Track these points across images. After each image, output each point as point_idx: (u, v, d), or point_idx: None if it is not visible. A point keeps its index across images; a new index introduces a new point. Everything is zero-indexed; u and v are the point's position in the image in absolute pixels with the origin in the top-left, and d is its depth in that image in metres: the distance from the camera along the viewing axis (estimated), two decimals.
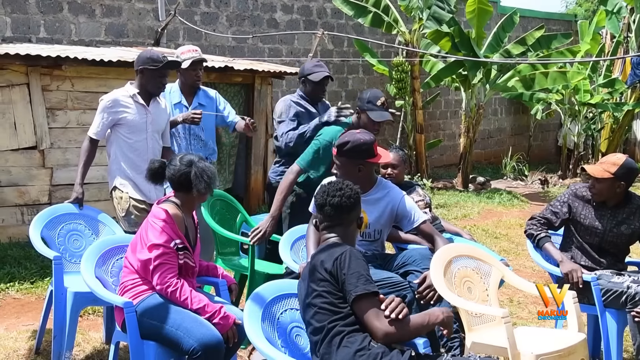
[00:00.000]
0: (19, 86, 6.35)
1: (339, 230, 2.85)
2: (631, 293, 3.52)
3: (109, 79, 6.80)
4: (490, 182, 12.30)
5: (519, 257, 6.63)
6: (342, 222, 2.85)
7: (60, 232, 4.10)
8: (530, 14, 15.84)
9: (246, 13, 11.14)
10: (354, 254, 2.68)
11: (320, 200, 2.88)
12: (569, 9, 23.29)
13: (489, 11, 11.44)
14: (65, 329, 3.65)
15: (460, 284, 3.39)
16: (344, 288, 2.59)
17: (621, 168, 3.70)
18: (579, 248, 3.88)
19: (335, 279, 2.62)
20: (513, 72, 11.79)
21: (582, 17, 18.09)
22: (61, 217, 4.15)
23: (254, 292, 2.85)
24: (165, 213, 3.12)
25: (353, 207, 2.87)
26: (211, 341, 2.90)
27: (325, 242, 2.85)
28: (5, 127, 6.28)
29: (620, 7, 13.65)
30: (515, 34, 13.29)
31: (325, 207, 2.85)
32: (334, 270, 2.62)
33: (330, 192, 2.85)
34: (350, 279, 2.58)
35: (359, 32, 12.51)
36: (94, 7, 9.32)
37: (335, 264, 2.63)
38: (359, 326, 2.60)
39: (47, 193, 6.52)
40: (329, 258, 2.67)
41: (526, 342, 3.06)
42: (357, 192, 2.89)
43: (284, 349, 2.75)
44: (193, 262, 3.23)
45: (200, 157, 3.30)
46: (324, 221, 2.88)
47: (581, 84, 12.72)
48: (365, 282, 2.58)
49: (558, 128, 15.90)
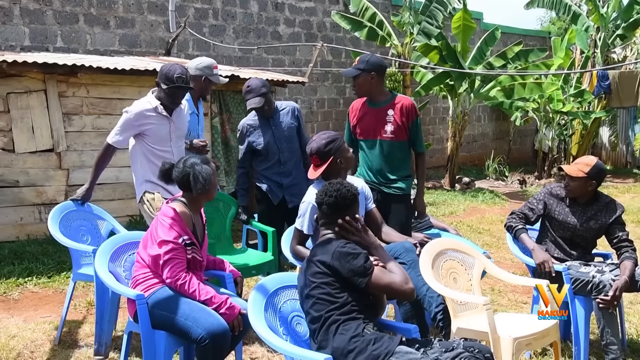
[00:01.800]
0: (37, 92, 6.32)
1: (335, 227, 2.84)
2: (596, 282, 3.60)
3: (122, 86, 6.79)
4: (475, 182, 12.34)
5: (500, 250, 6.65)
6: (337, 220, 2.84)
7: (71, 227, 4.12)
8: (510, 31, 15.93)
9: (251, 26, 11.14)
10: (347, 243, 2.71)
11: (319, 199, 2.88)
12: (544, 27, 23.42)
13: (472, 27, 11.55)
14: (105, 317, 3.74)
15: (447, 275, 3.42)
16: (353, 273, 2.62)
17: (593, 168, 3.80)
18: (552, 241, 3.95)
19: (336, 271, 2.63)
20: (495, 82, 11.88)
21: (555, 34, 18.20)
22: (70, 213, 4.15)
23: (258, 284, 2.85)
24: (173, 211, 3.11)
25: (349, 207, 2.86)
26: (218, 330, 2.88)
27: (322, 237, 2.84)
28: (24, 131, 6.26)
29: (588, 26, 13.94)
30: (497, 48, 13.34)
31: (322, 205, 2.85)
32: (334, 264, 2.63)
33: (328, 192, 2.85)
34: (356, 263, 2.63)
35: (356, 44, 12.53)
36: (109, 19, 9.29)
37: (335, 256, 2.64)
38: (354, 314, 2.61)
39: (64, 193, 6.49)
40: (326, 252, 2.67)
41: (505, 327, 3.09)
42: (353, 193, 2.88)
43: (285, 336, 2.74)
44: (200, 256, 3.21)
45: (204, 159, 3.28)
46: (322, 218, 2.89)
47: (555, 94, 12.88)
48: (367, 260, 2.66)
49: (534, 133, 15.97)
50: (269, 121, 4.78)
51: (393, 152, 4.17)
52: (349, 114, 4.34)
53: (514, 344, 2.96)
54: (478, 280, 3.53)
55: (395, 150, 4.17)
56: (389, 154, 4.16)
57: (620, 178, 14.26)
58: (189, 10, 10.21)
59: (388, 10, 13.02)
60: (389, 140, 4.14)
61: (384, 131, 4.13)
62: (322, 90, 12.48)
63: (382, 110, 4.15)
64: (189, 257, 3.12)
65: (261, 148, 4.74)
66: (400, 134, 4.14)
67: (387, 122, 4.11)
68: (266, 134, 4.74)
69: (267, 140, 4.73)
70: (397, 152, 4.18)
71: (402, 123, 4.13)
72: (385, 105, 4.15)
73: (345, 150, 3.55)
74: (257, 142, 4.74)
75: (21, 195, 6.27)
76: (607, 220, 3.83)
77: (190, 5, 10.26)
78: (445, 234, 4.75)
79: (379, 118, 4.14)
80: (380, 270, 2.68)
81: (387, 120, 4.12)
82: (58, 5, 8.75)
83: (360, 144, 4.27)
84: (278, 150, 4.77)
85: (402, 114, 4.12)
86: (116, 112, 6.76)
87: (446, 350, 2.50)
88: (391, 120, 4.11)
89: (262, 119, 4.77)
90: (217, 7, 10.64)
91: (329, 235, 2.82)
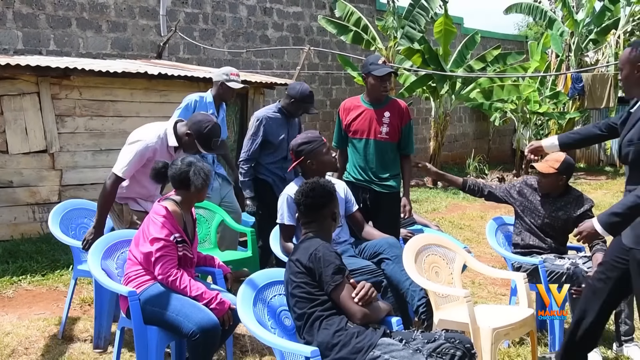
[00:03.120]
0: (30, 95, 6.25)
1: (315, 225, 2.83)
2: (570, 273, 3.68)
3: (114, 89, 6.74)
4: None
5: (480, 245, 6.70)
6: (316, 218, 2.83)
7: (71, 226, 4.10)
8: (489, 35, 16.04)
9: (241, 30, 11.11)
10: (326, 247, 2.68)
11: (296, 199, 2.87)
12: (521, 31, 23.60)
13: (453, 32, 11.62)
14: (105, 311, 3.73)
15: (429, 269, 3.44)
16: (321, 280, 2.60)
17: (562, 164, 3.90)
18: (527, 230, 4.03)
19: (311, 271, 2.62)
20: (475, 84, 11.95)
21: (532, 38, 18.35)
22: (71, 212, 4.15)
23: (247, 279, 2.84)
24: (165, 210, 3.09)
25: (325, 205, 2.84)
26: (209, 324, 2.87)
27: (303, 236, 2.84)
28: (17, 133, 6.18)
29: (563, 31, 14.09)
30: (477, 51, 13.43)
31: (300, 205, 2.85)
32: (309, 265, 2.62)
33: (304, 192, 2.84)
34: (326, 271, 2.60)
35: (342, 48, 12.54)
36: (101, 23, 9.22)
37: (311, 258, 2.63)
38: (336, 310, 2.61)
39: (57, 193, 6.44)
40: (305, 253, 2.67)
41: (485, 318, 3.11)
42: (329, 191, 2.86)
43: (274, 330, 2.74)
44: (191, 254, 3.20)
45: (199, 159, 3.27)
46: (300, 218, 2.88)
47: (531, 96, 12.99)
48: (337, 272, 2.60)
49: (513, 133, 16.08)
50: (288, 121, 4.81)
51: (386, 152, 4.16)
52: (340, 113, 4.30)
53: (493, 334, 2.98)
54: (459, 273, 3.55)
55: (388, 150, 4.16)
56: (382, 154, 4.15)
57: (594, 175, 14.42)
58: (180, 15, 10.16)
59: (372, 15, 13.05)
60: (383, 140, 4.13)
61: (380, 132, 4.11)
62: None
63: (379, 112, 4.13)
64: (180, 255, 3.10)
65: (276, 142, 4.72)
66: (394, 136, 4.14)
67: (384, 123, 4.10)
68: (283, 131, 4.75)
69: (282, 137, 4.74)
70: (389, 153, 4.17)
71: (397, 125, 4.13)
72: (383, 107, 4.14)
73: (319, 154, 3.62)
74: (274, 135, 4.72)
75: (15, 196, 6.20)
76: (575, 213, 3.91)
77: (180, 10, 10.21)
78: (427, 229, 4.77)
79: (376, 119, 4.12)
80: (347, 293, 2.61)
81: (384, 121, 4.11)
82: (51, 9, 8.67)
83: (353, 143, 4.23)
84: (287, 148, 4.76)
85: (398, 116, 4.12)
86: (108, 114, 6.74)
87: (428, 341, 2.51)
88: (387, 122, 4.10)
89: (284, 117, 4.78)
90: (207, 11, 10.60)
91: (309, 234, 2.81)
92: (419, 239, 3.53)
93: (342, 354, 2.49)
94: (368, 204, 4.15)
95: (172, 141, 3.64)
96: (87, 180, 6.60)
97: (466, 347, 2.51)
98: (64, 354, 3.73)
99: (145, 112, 6.99)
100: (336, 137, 4.37)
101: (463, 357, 2.49)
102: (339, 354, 2.49)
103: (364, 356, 2.46)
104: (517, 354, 3.66)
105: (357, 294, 2.60)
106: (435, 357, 2.45)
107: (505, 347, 3.81)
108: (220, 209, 4.73)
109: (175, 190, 3.22)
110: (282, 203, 3.60)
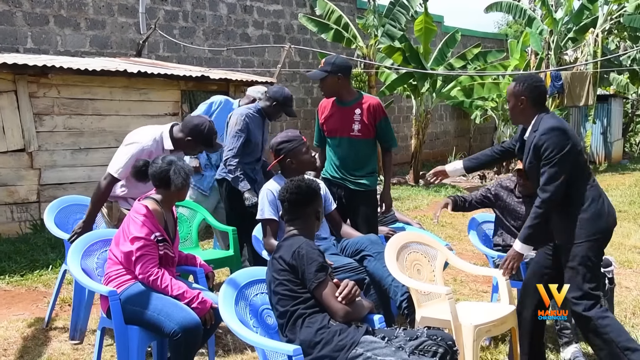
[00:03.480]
0: (7, 93, 6.16)
1: (299, 223, 2.83)
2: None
3: (93, 87, 6.67)
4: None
5: (462, 242, 6.74)
6: (300, 216, 2.83)
7: (68, 222, 4.13)
8: (469, 33, 16.14)
9: (221, 28, 11.04)
10: (309, 245, 2.68)
11: (281, 195, 2.87)
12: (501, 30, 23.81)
13: (434, 30, 11.68)
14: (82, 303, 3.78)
15: (411, 266, 3.45)
16: (304, 277, 2.60)
17: None
18: (507, 231, 4.05)
19: (294, 269, 2.62)
20: (455, 82, 12.01)
21: (512, 36, 18.51)
22: (68, 207, 4.21)
23: (229, 278, 2.83)
24: (145, 208, 3.06)
25: (309, 203, 2.84)
26: (190, 324, 2.85)
27: (287, 234, 2.84)
28: None
29: (542, 29, 14.24)
30: (457, 50, 13.51)
31: (285, 202, 2.85)
32: (292, 262, 2.62)
33: (289, 189, 2.84)
34: (309, 269, 2.59)
35: (323, 46, 12.54)
36: (79, 21, 9.11)
37: (294, 256, 2.62)
38: (319, 308, 2.61)
39: (36, 192, 6.35)
40: (288, 250, 2.66)
41: (466, 315, 3.13)
42: (313, 189, 2.86)
43: (256, 329, 2.73)
44: (172, 252, 3.18)
45: (180, 158, 3.25)
46: (285, 215, 2.88)
47: None
48: (320, 269, 2.60)
49: (493, 131, 16.19)
50: (264, 122, 4.80)
51: (359, 150, 4.17)
52: (318, 112, 4.34)
53: (475, 331, 3.00)
54: (440, 271, 3.57)
55: (362, 147, 4.17)
56: (356, 152, 4.17)
57: None
58: (159, 13, 10.08)
59: (353, 13, 13.07)
60: (356, 138, 4.14)
61: (351, 129, 4.13)
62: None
63: (349, 109, 4.14)
64: (161, 253, 3.08)
65: (254, 142, 4.69)
66: (367, 132, 4.15)
67: (355, 120, 4.12)
68: (259, 132, 4.74)
69: (259, 138, 4.73)
70: (363, 150, 4.18)
71: (368, 122, 4.13)
72: (353, 105, 4.15)
73: (299, 153, 3.71)
74: (254, 135, 4.70)
75: None
76: None
77: (160, 8, 10.13)
78: (409, 227, 4.79)
79: (347, 117, 4.14)
80: (330, 290, 2.61)
81: (355, 119, 4.12)
82: (28, 6, 8.54)
83: (328, 142, 4.27)
84: (261, 150, 4.76)
85: (369, 113, 4.12)
86: (87, 113, 6.67)
87: (410, 338, 2.52)
88: (358, 119, 4.12)
89: (262, 119, 4.76)
90: (187, 9, 10.53)
91: (293, 232, 2.81)
92: (401, 237, 3.54)
93: (324, 352, 2.49)
94: (343, 201, 4.17)
95: (168, 144, 3.69)
96: (66, 179, 6.53)
97: (448, 344, 2.53)
98: (43, 354, 3.69)
99: (125, 111, 6.93)
100: (316, 135, 4.40)
101: (445, 354, 2.51)
102: (322, 352, 2.49)
103: (347, 354, 2.46)
104: (498, 350, 3.69)
105: (340, 292, 2.60)
106: (418, 354, 2.46)
107: (487, 344, 3.84)
108: (201, 207, 4.71)
109: (156, 189, 3.20)
110: (262, 198, 3.65)
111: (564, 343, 3.59)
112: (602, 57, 13.65)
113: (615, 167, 15.41)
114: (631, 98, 18.38)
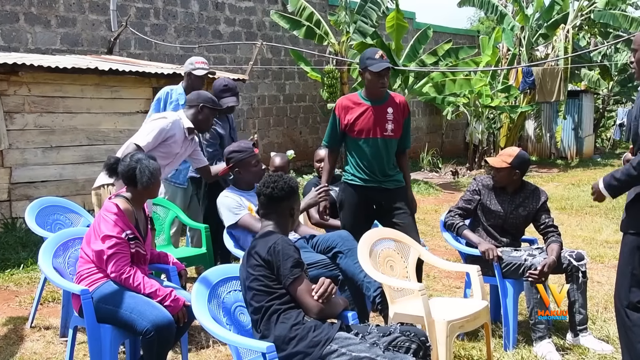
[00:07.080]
0: None
1: (274, 217, 2.81)
2: (528, 264, 3.67)
3: (64, 85, 6.56)
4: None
5: (434, 238, 6.77)
6: (275, 211, 2.82)
7: (47, 221, 4.16)
8: (441, 29, 16.25)
9: (192, 25, 10.95)
10: (285, 241, 2.67)
11: (258, 189, 2.86)
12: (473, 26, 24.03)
13: (405, 26, 11.74)
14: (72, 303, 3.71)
15: (384, 263, 3.45)
16: (279, 273, 2.59)
17: (516, 159, 3.88)
18: (484, 230, 4.00)
19: (270, 265, 2.60)
20: (427, 79, 12.07)
21: (483, 32, 18.69)
22: (47, 208, 4.23)
23: (201, 276, 2.81)
24: (116, 207, 3.03)
25: (284, 199, 2.81)
26: (163, 322, 2.84)
27: (262, 229, 2.83)
28: None
29: (513, 26, 14.37)
30: (429, 46, 13.60)
31: (260, 196, 2.84)
32: (268, 258, 2.60)
33: (266, 184, 2.83)
34: (284, 264, 2.58)
35: (295, 43, 12.51)
36: (50, 18, 8.95)
37: (269, 251, 2.61)
38: (294, 304, 2.60)
39: (7, 191, 6.23)
40: (264, 246, 2.65)
41: (439, 311, 3.15)
42: (290, 186, 2.85)
43: (229, 326, 2.72)
44: (144, 250, 3.15)
45: (149, 156, 3.21)
46: (260, 209, 2.87)
47: (483, 90, 13.21)
48: (296, 265, 2.59)
49: (465, 127, 16.36)
50: (228, 118, 4.75)
51: (390, 150, 3.96)
52: (337, 111, 3.95)
53: (448, 326, 3.02)
54: (414, 267, 3.56)
55: (393, 147, 3.97)
56: (388, 152, 3.94)
57: (546, 168, 14.80)
58: (130, 10, 9.95)
59: (325, 10, 13.07)
60: (389, 138, 3.90)
61: (385, 129, 3.87)
62: (262, 88, 12.41)
63: (382, 108, 3.86)
64: (132, 252, 3.05)
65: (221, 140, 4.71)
66: (398, 131, 3.94)
67: (388, 120, 3.88)
68: (225, 129, 4.73)
69: (225, 136, 4.73)
70: (393, 149, 3.98)
71: (400, 121, 3.94)
72: (385, 103, 3.88)
73: (248, 164, 3.92)
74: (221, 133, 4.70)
75: None
76: (535, 206, 3.92)
77: (131, 5, 10.00)
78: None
79: (380, 116, 3.86)
80: (305, 287, 2.60)
81: (388, 118, 3.88)
82: None
83: (356, 143, 3.92)
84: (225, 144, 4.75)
85: (400, 111, 3.93)
86: (58, 110, 6.55)
87: (384, 334, 2.53)
88: (391, 118, 3.89)
89: (223, 116, 4.73)
90: (159, 6, 10.41)
91: (269, 228, 2.80)
92: (374, 233, 3.53)
93: (299, 348, 2.49)
94: (382, 204, 3.94)
95: (187, 123, 4.01)
96: (38, 177, 6.41)
97: (421, 340, 2.55)
98: (15, 354, 3.63)
99: (97, 109, 6.83)
100: (329, 136, 4.04)
101: (418, 350, 2.52)
102: (296, 348, 2.49)
103: (321, 350, 2.46)
104: (471, 346, 3.72)
105: (317, 290, 2.60)
106: (392, 350, 2.48)
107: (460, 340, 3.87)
108: (174, 205, 4.68)
109: (126, 187, 3.17)
110: (219, 207, 3.82)
111: (537, 337, 3.61)
112: (572, 53, 13.83)
113: (587, 163, 15.65)
114: (602, 94, 18.74)
